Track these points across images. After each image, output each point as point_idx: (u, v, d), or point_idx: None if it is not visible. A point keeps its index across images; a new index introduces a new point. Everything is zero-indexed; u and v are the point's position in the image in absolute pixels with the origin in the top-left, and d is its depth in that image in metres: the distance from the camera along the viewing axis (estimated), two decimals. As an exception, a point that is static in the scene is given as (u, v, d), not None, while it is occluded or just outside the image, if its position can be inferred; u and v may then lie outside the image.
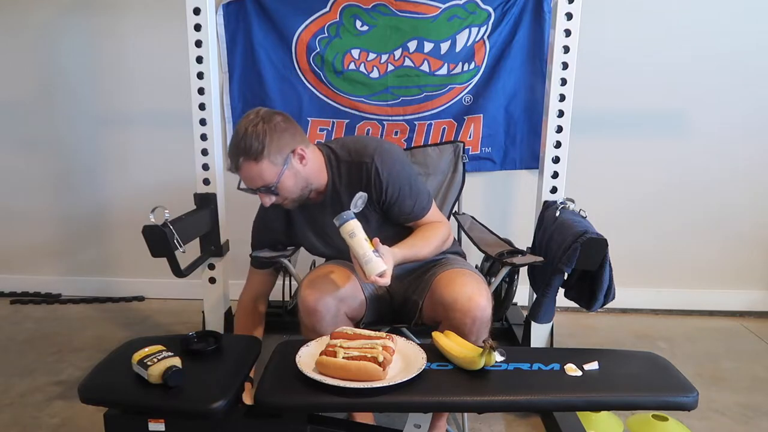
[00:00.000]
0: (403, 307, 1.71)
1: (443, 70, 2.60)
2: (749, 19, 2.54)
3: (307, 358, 1.26)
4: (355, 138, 2.21)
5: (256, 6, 2.56)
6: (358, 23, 2.57)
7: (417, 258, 1.59)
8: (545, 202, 2.11)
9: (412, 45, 2.57)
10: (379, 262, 1.39)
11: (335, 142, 1.70)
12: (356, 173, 1.60)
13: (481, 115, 2.65)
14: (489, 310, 1.45)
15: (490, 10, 2.53)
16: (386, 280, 1.41)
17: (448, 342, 1.30)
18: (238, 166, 1.51)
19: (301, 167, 1.56)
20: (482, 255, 1.91)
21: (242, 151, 1.48)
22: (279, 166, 1.51)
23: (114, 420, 1.25)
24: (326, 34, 2.58)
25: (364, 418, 1.60)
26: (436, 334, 1.35)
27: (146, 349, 1.27)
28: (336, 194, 1.64)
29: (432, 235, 1.62)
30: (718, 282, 2.84)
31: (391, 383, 1.15)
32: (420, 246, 1.58)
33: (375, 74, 2.61)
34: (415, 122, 2.66)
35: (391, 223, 1.67)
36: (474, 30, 2.55)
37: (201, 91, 2.05)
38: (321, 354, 1.22)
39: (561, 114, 2.06)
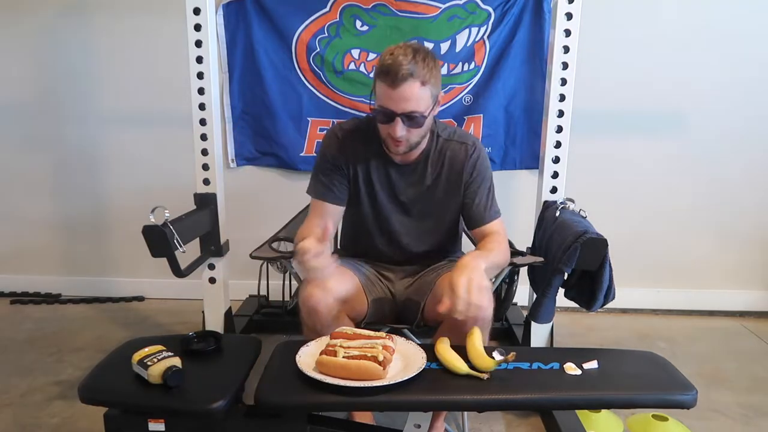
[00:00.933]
0: (404, 307, 1.71)
1: (443, 70, 2.59)
2: (750, 19, 2.54)
3: (307, 357, 1.25)
4: (458, 127, 2.03)
5: (256, 6, 2.56)
6: (358, 23, 2.57)
7: (495, 262, 1.49)
8: (545, 202, 2.11)
9: (412, 45, 2.57)
10: None
11: (440, 121, 1.67)
12: (452, 151, 1.59)
13: (481, 115, 2.65)
14: (491, 310, 1.44)
15: (490, 10, 2.53)
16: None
17: (452, 357, 1.27)
18: (401, 80, 1.37)
19: (435, 111, 1.52)
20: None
21: (416, 66, 1.38)
22: (431, 100, 1.46)
23: (114, 420, 1.25)
24: (326, 34, 2.58)
25: (364, 417, 1.60)
26: (440, 348, 1.31)
27: (146, 349, 1.27)
28: (424, 165, 1.61)
29: (495, 245, 1.54)
30: (718, 282, 2.84)
31: (391, 382, 1.15)
32: (495, 253, 1.50)
33: (375, 74, 2.61)
34: (415, 122, 2.66)
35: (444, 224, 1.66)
36: (474, 30, 2.55)
37: (201, 91, 2.05)
38: (321, 353, 1.22)
39: (561, 114, 2.06)
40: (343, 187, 1.64)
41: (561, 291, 1.82)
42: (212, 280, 2.21)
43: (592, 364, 1.26)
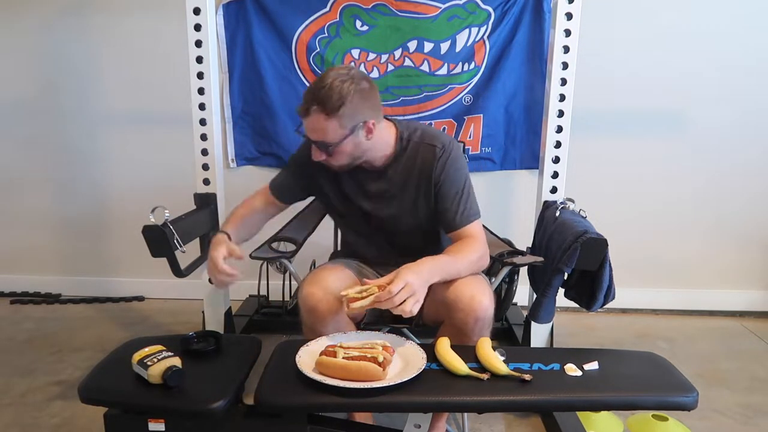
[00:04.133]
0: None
1: (443, 70, 2.60)
2: (749, 20, 2.54)
3: (307, 358, 1.25)
4: (432, 128, 2.06)
5: (256, 6, 2.56)
6: (358, 23, 2.57)
7: (449, 272, 1.46)
8: (545, 202, 2.11)
9: (412, 45, 2.57)
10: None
11: (414, 123, 1.67)
12: (422, 154, 1.57)
13: (481, 115, 2.65)
14: (492, 310, 1.44)
15: (490, 10, 2.53)
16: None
17: (452, 358, 1.26)
18: (308, 112, 1.43)
19: (364, 140, 1.50)
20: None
21: (318, 100, 1.41)
22: (345, 130, 1.45)
23: (114, 420, 1.25)
24: (326, 34, 2.58)
25: (364, 418, 1.60)
26: (440, 348, 1.31)
27: (146, 349, 1.26)
28: (394, 170, 1.60)
29: (463, 250, 1.52)
30: (718, 282, 2.84)
31: (391, 383, 1.15)
32: (448, 261, 1.47)
33: (375, 74, 2.61)
34: (415, 122, 2.66)
35: (426, 223, 1.64)
36: (474, 30, 2.55)
37: (201, 91, 2.05)
38: (321, 354, 1.22)
39: (561, 114, 2.06)
40: (295, 192, 1.71)
41: (561, 291, 1.82)
42: (212, 281, 2.20)
43: (593, 365, 1.26)
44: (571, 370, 1.25)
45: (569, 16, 1.97)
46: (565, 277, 1.77)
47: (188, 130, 2.09)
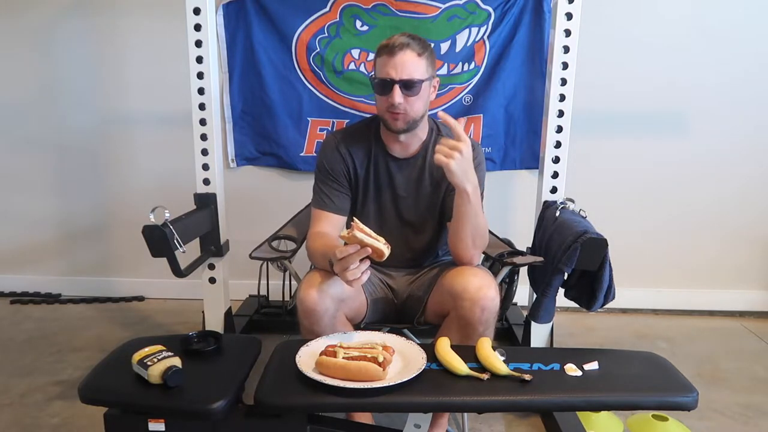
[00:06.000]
0: (406, 305, 1.71)
1: (443, 70, 2.60)
2: (750, 21, 2.54)
3: (307, 358, 1.26)
4: None
5: (256, 6, 2.56)
6: (358, 23, 2.57)
7: (473, 206, 1.47)
8: (545, 202, 2.11)
9: (412, 45, 2.57)
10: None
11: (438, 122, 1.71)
12: None
13: (481, 115, 2.65)
14: (497, 302, 1.45)
15: (490, 10, 2.53)
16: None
17: (452, 358, 1.26)
18: (399, 49, 1.47)
19: (431, 94, 1.58)
20: (482, 255, 1.91)
21: (413, 40, 1.49)
22: (427, 74, 1.52)
23: (114, 420, 1.25)
24: (326, 34, 2.58)
25: (363, 417, 1.60)
26: (440, 348, 1.30)
27: (146, 349, 1.27)
28: (423, 160, 1.63)
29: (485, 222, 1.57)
30: (718, 282, 2.84)
31: (391, 383, 1.15)
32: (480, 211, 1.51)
33: (375, 74, 2.61)
34: (415, 122, 2.66)
35: (437, 219, 1.67)
36: (474, 30, 2.55)
37: (201, 91, 2.05)
38: (321, 354, 1.22)
39: (561, 114, 2.06)
40: (344, 196, 1.66)
41: (561, 291, 1.82)
42: (212, 280, 2.21)
43: (593, 365, 1.26)
44: (571, 370, 1.25)
45: (569, 16, 1.97)
46: (565, 277, 1.77)
47: (188, 130, 2.09)
